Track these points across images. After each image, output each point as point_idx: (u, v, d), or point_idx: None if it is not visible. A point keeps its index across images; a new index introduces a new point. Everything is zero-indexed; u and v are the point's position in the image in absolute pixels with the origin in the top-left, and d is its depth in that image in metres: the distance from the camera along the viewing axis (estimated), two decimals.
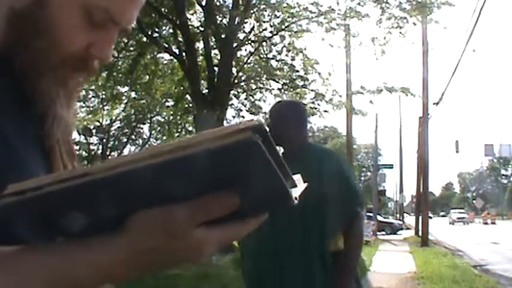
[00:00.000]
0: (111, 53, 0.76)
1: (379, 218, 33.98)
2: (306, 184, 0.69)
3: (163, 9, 13.25)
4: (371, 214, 25.81)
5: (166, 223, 0.58)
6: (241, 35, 13.77)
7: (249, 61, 14.61)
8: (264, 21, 14.13)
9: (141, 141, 28.15)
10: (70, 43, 0.73)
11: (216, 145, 0.53)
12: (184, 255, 0.61)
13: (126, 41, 13.47)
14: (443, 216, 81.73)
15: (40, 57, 0.72)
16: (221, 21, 13.75)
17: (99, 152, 27.81)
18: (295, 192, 0.63)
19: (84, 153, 26.57)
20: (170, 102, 16.93)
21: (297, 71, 14.77)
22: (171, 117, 17.78)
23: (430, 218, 40.31)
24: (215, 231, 0.60)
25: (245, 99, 15.78)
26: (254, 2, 13.41)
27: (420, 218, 24.28)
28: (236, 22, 13.00)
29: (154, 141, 25.42)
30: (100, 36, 0.75)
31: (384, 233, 31.99)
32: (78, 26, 0.73)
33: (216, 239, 0.61)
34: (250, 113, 15.95)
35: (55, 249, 0.59)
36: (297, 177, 0.65)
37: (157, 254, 0.59)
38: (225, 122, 13.99)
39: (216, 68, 13.30)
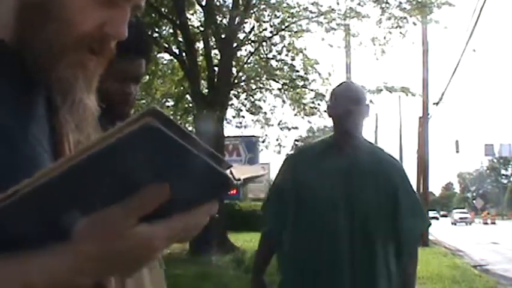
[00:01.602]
0: (126, 31, 0.75)
1: None
2: (265, 172, 0.71)
3: (163, 9, 13.25)
4: None
5: (105, 225, 0.59)
6: (241, 35, 13.78)
7: (249, 61, 14.62)
8: (264, 21, 14.14)
9: None
10: (82, 23, 0.72)
11: (116, 138, 0.53)
12: (136, 254, 0.61)
13: None
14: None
15: (53, 42, 0.71)
16: (221, 21, 13.75)
17: None
18: (239, 173, 0.63)
19: None
20: (170, 102, 16.92)
21: (297, 71, 14.77)
22: (171, 117, 17.77)
23: (437, 219, 39.65)
24: (160, 226, 0.61)
25: (245, 99, 15.78)
26: (254, 2, 13.41)
27: None
28: (236, 22, 13.00)
29: None
30: (113, 14, 0.74)
31: None
32: (89, 5, 0.72)
33: (162, 232, 0.62)
34: (250, 113, 15.96)
35: (8, 259, 0.60)
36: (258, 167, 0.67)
37: (106, 258, 0.60)
38: (225, 122, 14.01)
39: (216, 68, 13.31)
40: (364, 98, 2.40)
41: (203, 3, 13.51)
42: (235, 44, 13.33)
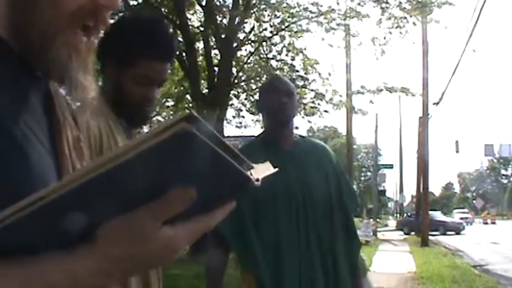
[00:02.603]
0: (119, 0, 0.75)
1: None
2: (276, 169, 0.71)
3: (163, 9, 13.25)
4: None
5: (131, 228, 0.59)
6: (241, 35, 13.77)
7: (249, 61, 14.61)
8: (264, 21, 14.13)
9: None
10: None
11: (151, 144, 0.54)
12: (159, 256, 0.62)
13: None
14: None
15: (47, 20, 0.71)
16: (221, 21, 13.75)
17: None
18: (256, 174, 0.64)
19: None
20: (170, 102, 16.92)
21: (297, 71, 14.77)
22: (171, 117, 17.77)
23: None
24: (182, 227, 0.62)
25: (245, 99, 15.77)
26: (254, 2, 13.40)
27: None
28: (236, 22, 13.00)
29: None
30: None
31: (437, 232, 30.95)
32: None
33: (184, 234, 0.62)
34: (250, 113, 15.95)
35: (33, 261, 0.60)
36: (267, 165, 0.69)
37: (130, 260, 0.60)
38: (225, 122, 14.01)
39: (216, 68, 13.31)
40: (294, 91, 2.41)
41: (203, 3, 13.51)
42: (235, 44, 13.32)
